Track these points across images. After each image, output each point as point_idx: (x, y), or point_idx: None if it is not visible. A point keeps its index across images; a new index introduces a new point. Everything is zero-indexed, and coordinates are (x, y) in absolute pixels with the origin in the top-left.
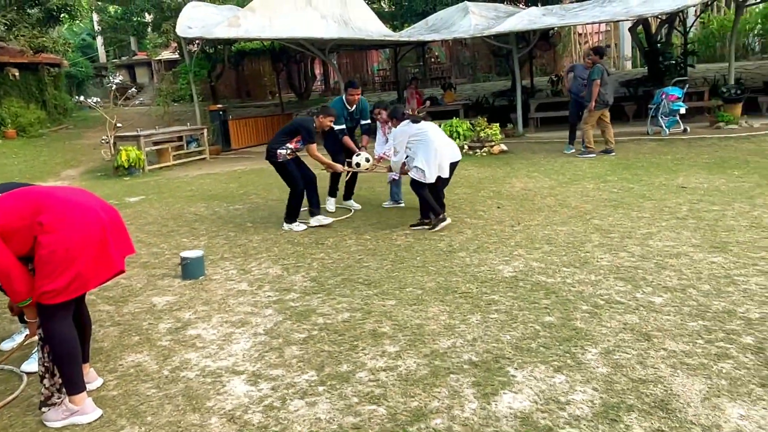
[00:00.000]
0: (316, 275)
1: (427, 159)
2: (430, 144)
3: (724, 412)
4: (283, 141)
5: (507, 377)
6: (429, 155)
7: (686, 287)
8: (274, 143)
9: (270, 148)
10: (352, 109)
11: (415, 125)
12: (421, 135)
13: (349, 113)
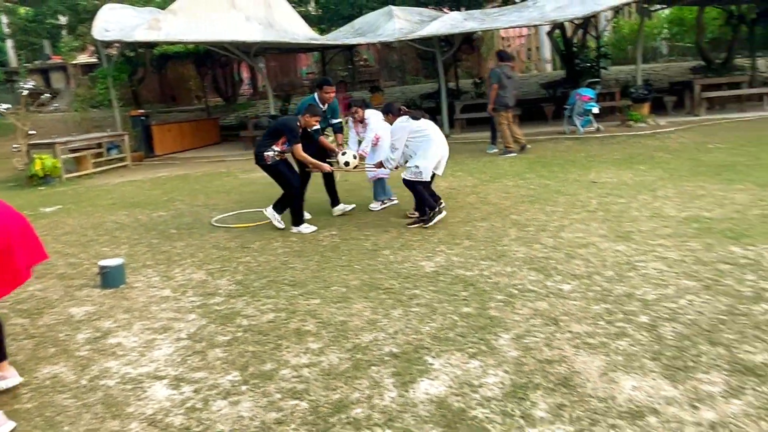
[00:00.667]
0: (242, 278)
1: (426, 157)
2: (431, 142)
3: (619, 384)
4: (268, 143)
5: (425, 366)
6: (429, 153)
7: (592, 274)
8: (261, 146)
9: (257, 152)
10: (324, 108)
11: (415, 122)
12: (422, 132)
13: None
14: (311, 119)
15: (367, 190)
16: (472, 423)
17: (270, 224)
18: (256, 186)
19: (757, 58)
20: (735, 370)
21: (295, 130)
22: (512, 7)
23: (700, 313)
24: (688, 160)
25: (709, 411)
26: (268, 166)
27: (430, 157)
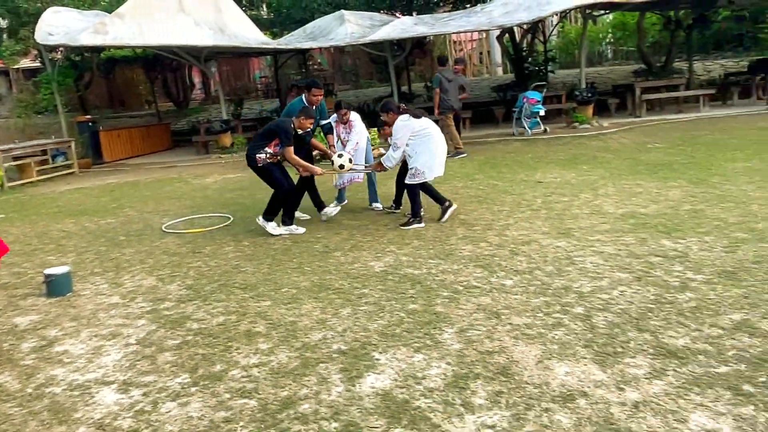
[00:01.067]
0: (192, 283)
1: (432, 157)
2: (433, 141)
3: (553, 371)
4: (261, 145)
5: (372, 361)
6: (433, 153)
7: (533, 269)
8: (253, 148)
9: (249, 154)
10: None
11: (417, 121)
12: (425, 132)
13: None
14: (305, 121)
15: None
16: (415, 413)
17: (222, 229)
18: (208, 191)
19: (694, 62)
20: (659, 354)
21: (290, 132)
22: (461, 12)
23: (630, 303)
24: (627, 160)
25: (633, 392)
26: (259, 168)
27: (436, 155)
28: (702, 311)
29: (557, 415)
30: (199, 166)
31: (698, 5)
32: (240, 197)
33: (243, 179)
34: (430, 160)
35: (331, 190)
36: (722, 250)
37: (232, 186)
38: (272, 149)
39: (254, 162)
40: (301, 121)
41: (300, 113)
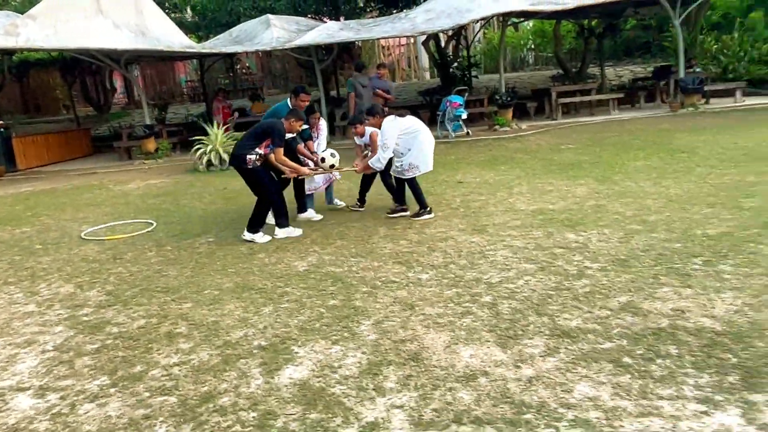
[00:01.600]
0: (113, 289)
1: (422, 152)
2: (422, 137)
3: (459, 354)
4: (252, 146)
5: (291, 354)
6: (422, 149)
7: (448, 264)
8: (242, 148)
9: (237, 154)
10: None
11: (403, 120)
12: (412, 129)
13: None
14: (296, 123)
15: None
16: (330, 399)
17: (144, 235)
18: (130, 198)
19: (607, 67)
20: (554, 335)
21: (283, 133)
22: (386, 18)
23: (533, 291)
24: (542, 160)
25: (529, 369)
26: (248, 170)
27: (425, 151)
28: (594, 295)
29: (460, 393)
30: (121, 173)
31: (607, 15)
32: (164, 203)
33: (167, 185)
34: (422, 155)
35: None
36: (617, 241)
37: (156, 192)
38: (263, 150)
39: (243, 162)
40: (291, 123)
41: (290, 115)
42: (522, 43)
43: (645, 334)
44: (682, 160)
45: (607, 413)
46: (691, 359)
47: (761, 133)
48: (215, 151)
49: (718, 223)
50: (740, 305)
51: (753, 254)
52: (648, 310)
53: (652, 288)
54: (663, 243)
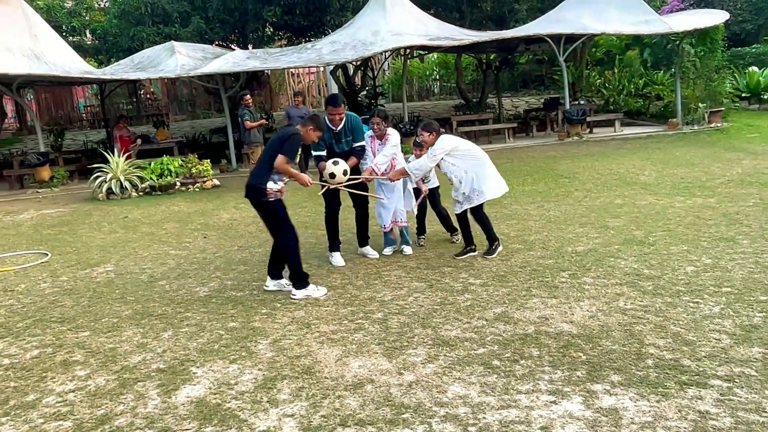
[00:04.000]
0: (3, 321)
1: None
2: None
3: (349, 366)
4: (266, 169)
5: (189, 375)
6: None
7: (346, 284)
8: (260, 177)
9: (254, 184)
10: (337, 130)
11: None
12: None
13: (333, 135)
14: (312, 132)
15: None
16: (225, 413)
17: (39, 266)
18: (23, 228)
19: (505, 98)
20: (435, 344)
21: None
22: (293, 48)
23: (421, 306)
24: None
25: (410, 375)
26: (268, 203)
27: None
28: (474, 308)
29: (348, 400)
30: (12, 202)
31: (502, 50)
32: (60, 233)
33: (64, 214)
34: (482, 180)
35: None
36: (500, 259)
37: (51, 222)
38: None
39: (261, 194)
40: (307, 131)
41: (308, 121)
42: (427, 73)
43: (513, 339)
44: (563, 185)
45: (473, 408)
46: (548, 359)
47: (632, 160)
48: (116, 179)
49: (587, 241)
50: (594, 311)
51: (611, 267)
52: (518, 318)
53: (524, 299)
54: (538, 260)
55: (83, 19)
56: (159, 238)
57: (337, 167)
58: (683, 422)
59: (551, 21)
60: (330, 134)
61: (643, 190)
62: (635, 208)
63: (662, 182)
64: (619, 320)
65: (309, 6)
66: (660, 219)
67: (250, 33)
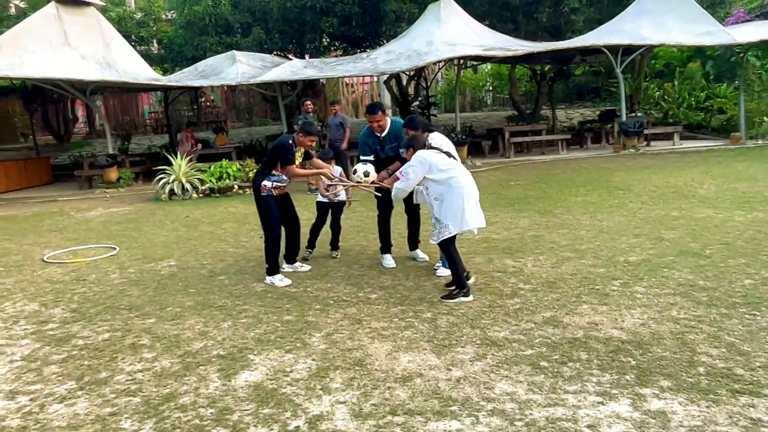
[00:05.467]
0: (77, 307)
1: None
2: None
3: (399, 360)
4: (266, 171)
5: (247, 361)
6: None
7: (396, 285)
8: (259, 175)
9: (255, 182)
10: (382, 136)
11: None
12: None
13: (378, 142)
14: (305, 139)
15: None
16: (281, 397)
17: (107, 259)
18: (92, 224)
19: (559, 110)
20: (483, 344)
21: (286, 149)
22: (349, 58)
23: (469, 308)
24: (492, 195)
25: (458, 371)
26: (260, 197)
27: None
28: (523, 311)
29: (397, 391)
30: (83, 201)
31: (558, 61)
32: (126, 229)
33: (129, 213)
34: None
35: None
36: (550, 266)
37: (118, 219)
38: (280, 172)
39: (257, 190)
40: (300, 138)
41: (300, 129)
42: (480, 84)
43: (562, 342)
44: (617, 196)
45: (520, 404)
46: (597, 362)
47: (691, 173)
48: (178, 181)
49: (640, 252)
50: (646, 319)
51: (665, 278)
52: (567, 323)
53: (573, 305)
54: (589, 268)
55: (151, 29)
56: (218, 237)
57: (362, 167)
58: (734, 428)
59: (609, 32)
60: (375, 140)
61: (701, 203)
62: (692, 220)
63: (722, 196)
64: (671, 329)
65: (365, 17)
66: (718, 232)
67: (308, 43)
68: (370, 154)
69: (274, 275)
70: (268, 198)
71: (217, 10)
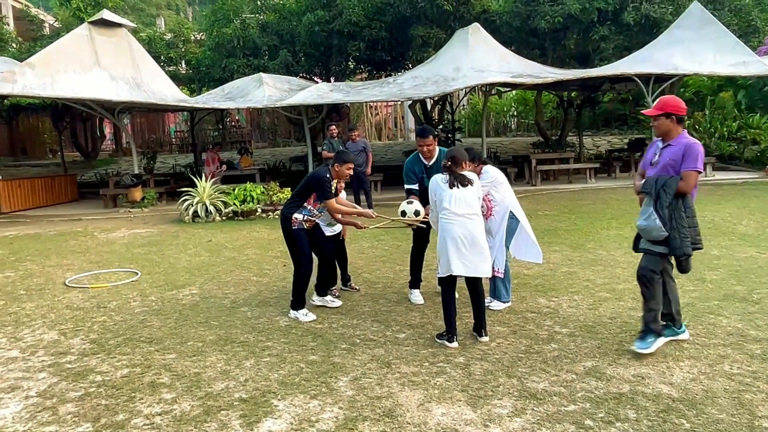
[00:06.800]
0: (97, 337)
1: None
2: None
3: (432, 412)
4: (296, 203)
5: (271, 407)
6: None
7: (425, 324)
8: (289, 207)
9: (284, 213)
10: (429, 164)
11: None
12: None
13: (425, 169)
14: (342, 167)
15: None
16: None
17: (129, 284)
18: (115, 246)
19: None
20: (522, 396)
21: (324, 183)
22: (375, 82)
23: (504, 353)
24: None
25: (496, 428)
26: (291, 230)
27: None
28: (562, 359)
29: None
30: (107, 220)
31: (586, 88)
32: (149, 253)
33: (152, 235)
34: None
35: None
36: (587, 308)
37: (141, 242)
38: (311, 205)
39: (288, 223)
40: (337, 169)
41: (336, 159)
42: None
43: (607, 398)
44: None
45: None
46: (648, 423)
47: (727, 207)
48: (202, 203)
49: (683, 294)
50: (696, 373)
51: (712, 325)
52: (611, 375)
53: (616, 354)
54: (629, 311)
55: (180, 50)
56: (241, 264)
57: (410, 206)
58: None
59: (640, 60)
60: (422, 167)
61: (742, 241)
62: (734, 260)
63: (763, 234)
64: (724, 386)
65: (392, 42)
66: (763, 274)
67: (333, 66)
68: (415, 182)
69: (299, 310)
70: (299, 231)
71: (245, 33)
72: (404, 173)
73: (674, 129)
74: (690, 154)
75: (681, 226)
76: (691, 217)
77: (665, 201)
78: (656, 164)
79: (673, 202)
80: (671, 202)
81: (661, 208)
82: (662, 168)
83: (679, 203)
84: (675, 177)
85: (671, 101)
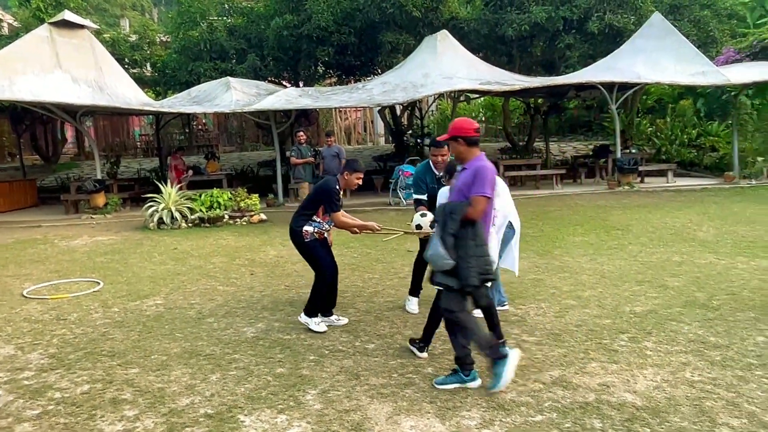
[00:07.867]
0: (56, 352)
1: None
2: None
3: (401, 425)
4: (306, 216)
5: (237, 423)
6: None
7: (394, 334)
8: (298, 220)
9: (293, 226)
10: (439, 175)
11: None
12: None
13: (435, 179)
14: (352, 176)
15: None
16: None
17: (90, 295)
18: (76, 255)
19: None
20: (490, 407)
21: (333, 195)
22: (345, 87)
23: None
24: None
25: None
26: (305, 244)
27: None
28: (530, 368)
29: None
30: (68, 227)
31: (552, 95)
32: (112, 261)
33: (116, 242)
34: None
35: None
36: (554, 315)
37: (104, 249)
38: (321, 217)
39: (299, 237)
40: (346, 178)
41: (346, 167)
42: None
43: (573, 407)
44: (616, 237)
45: None
46: None
47: (688, 214)
48: (167, 210)
49: (645, 301)
50: (659, 381)
51: (674, 332)
52: (577, 384)
53: (582, 363)
54: (594, 319)
55: (145, 52)
56: (207, 273)
57: (425, 219)
58: None
59: (604, 68)
60: (433, 178)
61: (701, 247)
62: (695, 267)
63: (722, 240)
64: (686, 393)
65: (361, 47)
66: (722, 281)
67: (302, 70)
68: (424, 192)
69: (313, 317)
70: (312, 243)
71: (212, 36)
72: (413, 182)
73: (466, 152)
74: (478, 179)
75: (467, 255)
76: (481, 245)
77: (450, 228)
78: (452, 190)
79: (461, 231)
80: (458, 230)
81: (446, 236)
82: (457, 193)
83: (468, 231)
84: (464, 202)
85: (458, 124)
